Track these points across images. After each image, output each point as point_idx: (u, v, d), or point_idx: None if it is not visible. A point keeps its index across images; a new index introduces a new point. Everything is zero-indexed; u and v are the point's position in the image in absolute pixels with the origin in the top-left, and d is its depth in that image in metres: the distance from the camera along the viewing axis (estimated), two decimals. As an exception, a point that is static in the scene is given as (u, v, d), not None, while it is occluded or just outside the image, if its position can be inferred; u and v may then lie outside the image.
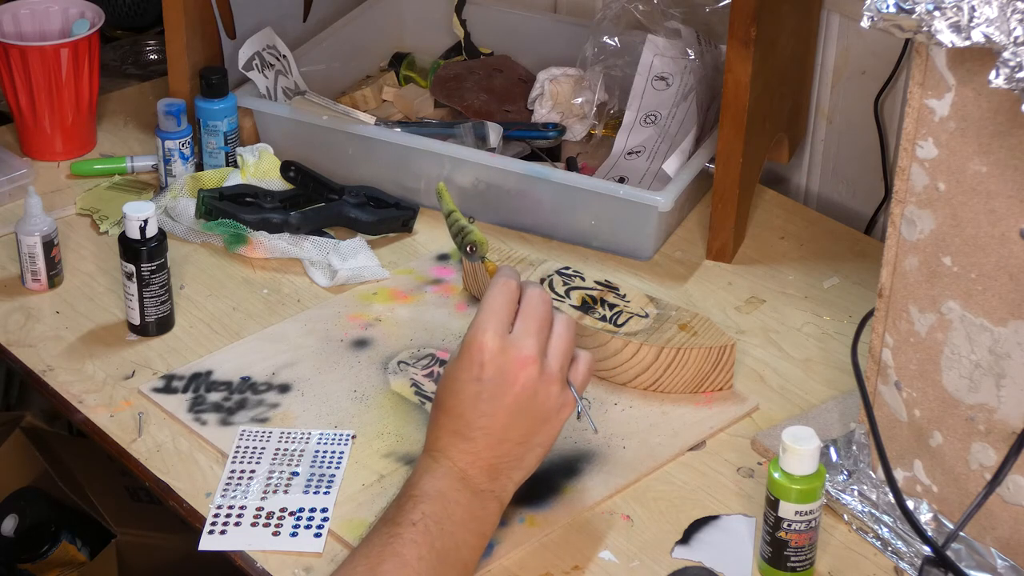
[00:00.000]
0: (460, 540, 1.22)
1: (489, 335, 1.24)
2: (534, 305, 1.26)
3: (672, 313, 1.52)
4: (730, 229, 1.70)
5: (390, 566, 1.17)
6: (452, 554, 1.21)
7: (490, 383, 1.23)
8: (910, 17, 1.10)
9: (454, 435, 1.25)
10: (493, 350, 1.23)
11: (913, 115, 1.21)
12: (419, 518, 1.20)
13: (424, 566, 1.18)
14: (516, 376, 1.23)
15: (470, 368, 1.24)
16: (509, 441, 1.25)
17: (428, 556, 1.19)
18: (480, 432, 1.24)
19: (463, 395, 1.24)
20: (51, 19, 1.92)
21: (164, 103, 1.81)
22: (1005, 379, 1.20)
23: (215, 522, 1.33)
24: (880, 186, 1.84)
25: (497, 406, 1.24)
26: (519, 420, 1.24)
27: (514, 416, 1.24)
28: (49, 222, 1.64)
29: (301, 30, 1.99)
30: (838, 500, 1.34)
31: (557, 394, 1.25)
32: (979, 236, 1.19)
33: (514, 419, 1.24)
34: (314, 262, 1.68)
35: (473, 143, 1.82)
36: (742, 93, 1.62)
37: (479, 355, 1.23)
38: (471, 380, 1.24)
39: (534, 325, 1.25)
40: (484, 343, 1.23)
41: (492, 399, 1.23)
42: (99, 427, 1.46)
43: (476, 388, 1.23)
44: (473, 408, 1.24)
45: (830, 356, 1.56)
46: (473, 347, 1.24)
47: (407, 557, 1.18)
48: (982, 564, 1.25)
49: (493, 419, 1.24)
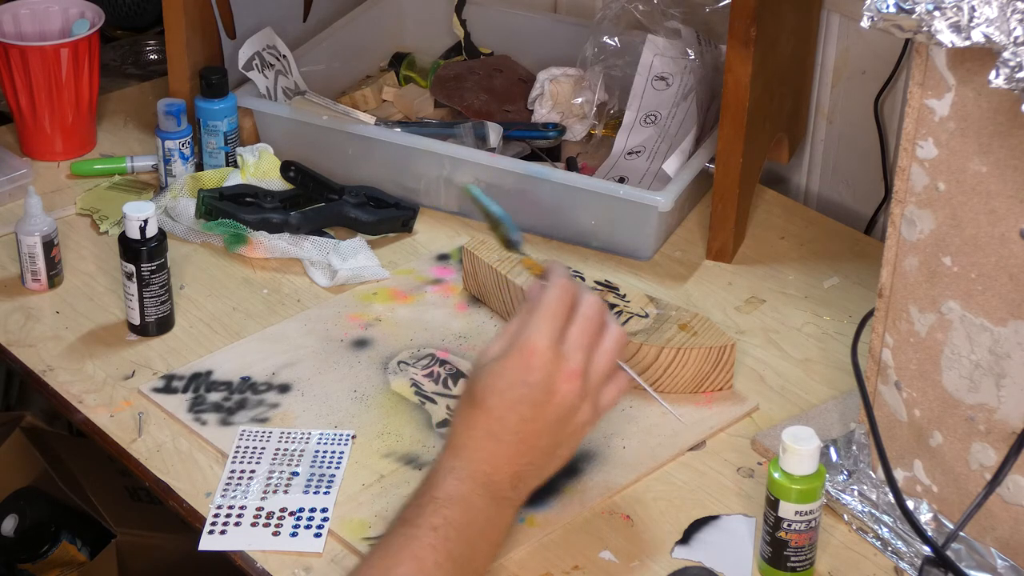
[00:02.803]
0: (477, 549, 1.20)
1: (545, 340, 1.20)
2: (590, 316, 1.23)
3: (672, 313, 1.52)
4: (730, 229, 1.70)
5: (406, 569, 1.15)
6: (468, 563, 1.19)
7: (536, 388, 1.20)
8: (910, 17, 1.10)
9: (487, 436, 1.21)
10: (546, 356, 1.20)
11: (913, 115, 1.21)
12: (440, 523, 1.17)
13: (441, 573, 1.16)
14: (560, 387, 1.20)
15: (520, 370, 1.20)
16: (537, 449, 1.22)
17: (446, 564, 1.16)
18: (514, 436, 1.21)
19: (507, 396, 1.20)
20: (51, 19, 1.92)
21: (164, 103, 1.81)
22: (1005, 379, 1.20)
23: (215, 522, 1.33)
24: (880, 186, 1.84)
25: (537, 413, 1.20)
26: (551, 430, 1.21)
27: (549, 425, 1.21)
28: (49, 222, 1.64)
29: (301, 30, 1.99)
30: (838, 500, 1.34)
31: (588, 411, 1.23)
32: (979, 236, 1.19)
33: (548, 428, 1.21)
34: (314, 262, 1.68)
35: (473, 143, 1.82)
36: (742, 93, 1.62)
37: (531, 358, 1.20)
38: (519, 382, 1.20)
39: (586, 339, 1.22)
40: (538, 347, 1.20)
41: (534, 405, 1.20)
42: (99, 427, 1.46)
43: (522, 391, 1.20)
44: (514, 410, 1.20)
45: (830, 356, 1.56)
46: (526, 349, 1.20)
47: (425, 562, 1.16)
48: (982, 564, 1.25)
49: (530, 425, 1.21)
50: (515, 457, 1.21)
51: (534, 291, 1.24)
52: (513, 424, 1.20)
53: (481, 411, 1.21)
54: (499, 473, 1.21)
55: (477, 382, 1.22)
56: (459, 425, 1.22)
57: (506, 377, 1.20)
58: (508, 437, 1.21)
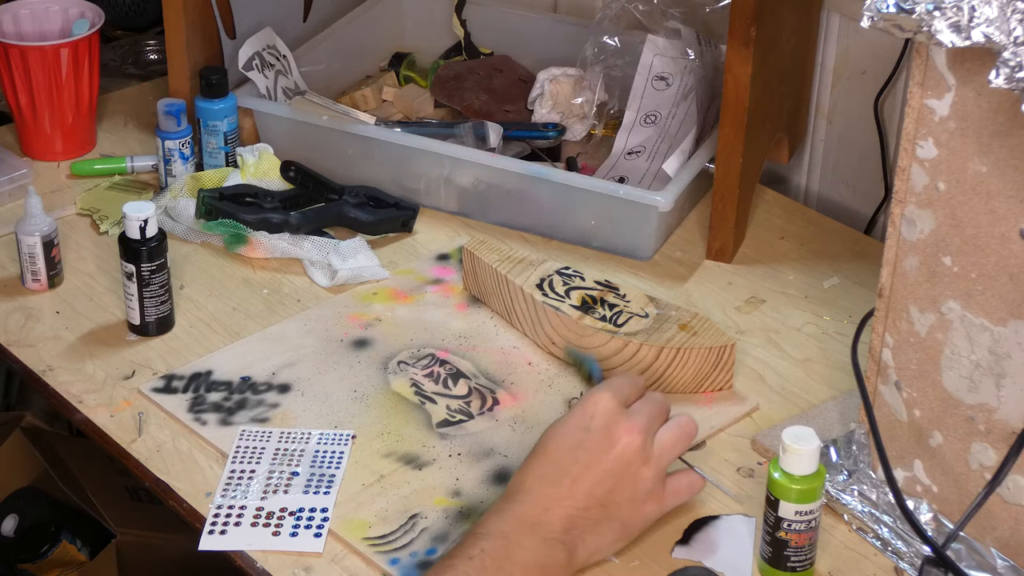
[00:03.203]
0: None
1: (609, 396, 1.26)
2: (658, 400, 1.29)
3: (672, 313, 1.52)
4: (730, 229, 1.70)
5: None
6: None
7: (595, 434, 1.24)
8: (910, 17, 1.10)
9: (540, 479, 1.24)
10: (608, 407, 1.25)
11: (913, 115, 1.21)
12: (476, 553, 1.18)
13: None
14: (620, 438, 1.24)
15: (580, 418, 1.25)
16: (593, 499, 1.23)
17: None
18: (569, 479, 1.23)
19: (564, 440, 1.24)
20: (51, 19, 1.92)
21: (164, 103, 1.81)
22: (1005, 379, 1.20)
23: (215, 522, 1.33)
24: (880, 186, 1.84)
25: (593, 458, 1.23)
26: (608, 481, 1.24)
27: (606, 475, 1.24)
28: (49, 222, 1.64)
29: (301, 30, 1.99)
30: (838, 500, 1.34)
31: (651, 479, 1.25)
32: (979, 236, 1.19)
33: (604, 478, 1.24)
34: (314, 262, 1.68)
35: (473, 143, 1.82)
36: (742, 93, 1.62)
37: (592, 407, 1.25)
38: (578, 428, 1.25)
39: (652, 409, 1.27)
40: (601, 399, 1.26)
41: (591, 450, 1.23)
42: (99, 427, 1.46)
43: (580, 436, 1.24)
44: (570, 454, 1.24)
45: (830, 356, 1.56)
46: (589, 401, 1.26)
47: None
48: (982, 564, 1.25)
49: (586, 470, 1.23)
50: (567, 500, 1.23)
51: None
52: (569, 467, 1.23)
53: (539, 455, 1.25)
54: (550, 514, 1.22)
55: (543, 435, 1.27)
56: (518, 473, 1.26)
57: (568, 423, 1.26)
58: (563, 480, 1.23)
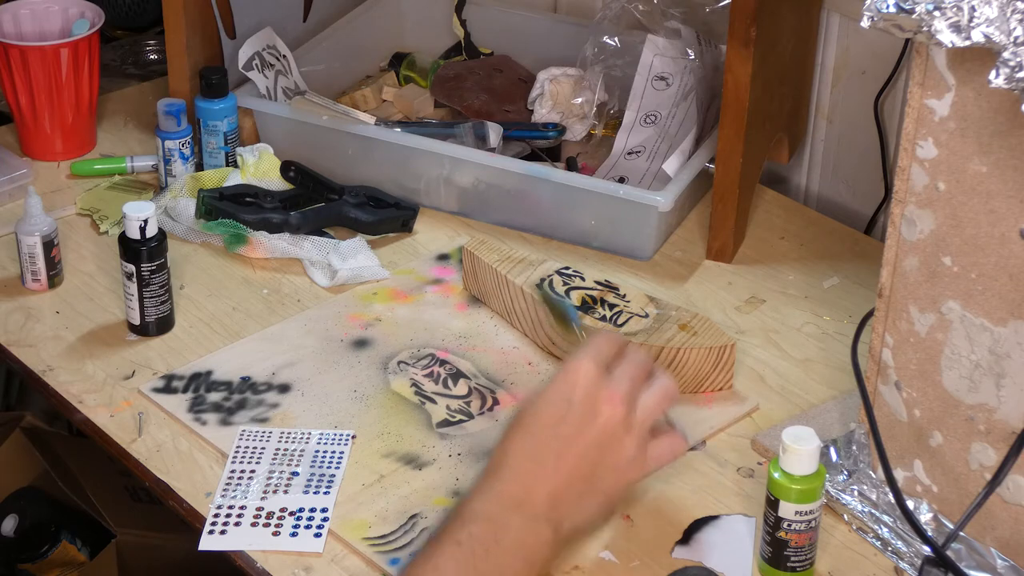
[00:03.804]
0: (506, 566, 1.17)
1: (590, 363, 1.21)
2: (639, 361, 1.24)
3: (672, 313, 1.52)
4: (730, 229, 1.70)
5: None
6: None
7: (577, 407, 1.20)
8: (910, 17, 1.10)
9: (524, 457, 1.20)
10: (590, 376, 1.20)
11: (913, 115, 1.21)
12: (464, 539, 1.16)
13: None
14: (602, 409, 1.20)
15: (562, 389, 1.21)
16: (577, 473, 1.20)
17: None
18: (552, 456, 1.20)
19: (547, 414, 1.21)
20: (51, 19, 1.92)
21: (164, 103, 1.81)
22: (1005, 379, 1.20)
23: (215, 522, 1.33)
24: (880, 186, 1.84)
25: (576, 432, 1.20)
26: (591, 454, 1.20)
27: (589, 448, 1.20)
28: (49, 222, 1.64)
29: (301, 30, 1.99)
30: (838, 500, 1.34)
31: (633, 448, 1.21)
32: (979, 236, 1.19)
33: (588, 451, 1.20)
34: (314, 262, 1.68)
35: (473, 143, 1.82)
36: (742, 93, 1.62)
37: (574, 377, 1.20)
38: (560, 400, 1.20)
39: (634, 371, 1.23)
40: (581, 368, 1.20)
41: (574, 424, 1.20)
42: (99, 427, 1.46)
43: (563, 410, 1.20)
44: (553, 429, 1.20)
45: (830, 356, 1.56)
46: (570, 371, 1.21)
47: (445, 572, 1.15)
48: (982, 564, 1.25)
49: (569, 445, 1.20)
50: (552, 477, 1.19)
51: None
52: (552, 443, 1.20)
53: (520, 431, 1.21)
54: (535, 492, 1.19)
55: (522, 408, 1.22)
56: (498, 448, 1.22)
57: (549, 396, 1.21)
58: (546, 457, 1.20)
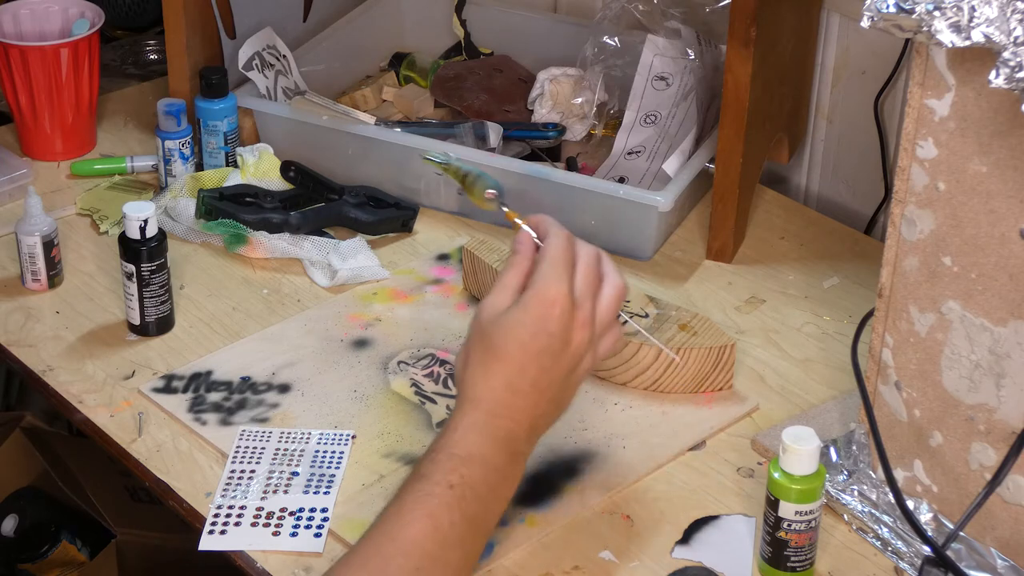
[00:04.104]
0: (490, 507, 1.20)
1: (564, 289, 1.20)
2: (591, 264, 1.23)
3: (672, 313, 1.52)
4: (730, 229, 1.70)
5: (421, 527, 1.15)
6: (481, 522, 1.19)
7: (556, 338, 1.20)
8: (910, 17, 1.10)
9: (506, 388, 1.20)
10: (565, 306, 1.20)
11: (913, 115, 1.21)
12: (457, 481, 1.17)
13: (455, 533, 1.16)
14: (574, 336, 1.21)
15: (543, 320, 1.20)
16: (550, 399, 1.22)
17: (460, 523, 1.16)
18: (532, 388, 1.20)
19: (530, 346, 1.20)
20: (51, 19, 1.92)
21: (164, 103, 1.81)
22: (1005, 379, 1.20)
23: (215, 522, 1.33)
24: (880, 186, 1.84)
25: (554, 362, 1.20)
26: (562, 379, 1.22)
27: (562, 374, 1.21)
28: (49, 222, 1.64)
29: (301, 30, 1.99)
30: (838, 500, 1.34)
31: (591, 360, 1.24)
32: (979, 236, 1.19)
33: (560, 377, 1.21)
34: (314, 262, 1.68)
35: (473, 143, 1.82)
36: (742, 93, 1.62)
37: (551, 308, 1.20)
38: (543, 332, 1.20)
39: (592, 289, 1.23)
40: (558, 297, 1.20)
41: (553, 355, 1.20)
42: (99, 427, 1.46)
43: (546, 341, 1.20)
44: (536, 361, 1.20)
45: (830, 356, 1.56)
46: (547, 300, 1.20)
47: (440, 520, 1.15)
48: (982, 564, 1.25)
49: (548, 374, 1.21)
50: (532, 409, 1.21)
51: (524, 242, 1.25)
52: (533, 375, 1.20)
53: (502, 363, 1.20)
54: (518, 428, 1.21)
55: (494, 333, 1.20)
56: (476, 377, 1.21)
57: (529, 327, 1.20)
58: (527, 388, 1.20)
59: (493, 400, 1.20)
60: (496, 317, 1.21)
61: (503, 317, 1.20)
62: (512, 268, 1.23)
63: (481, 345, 1.21)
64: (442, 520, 1.15)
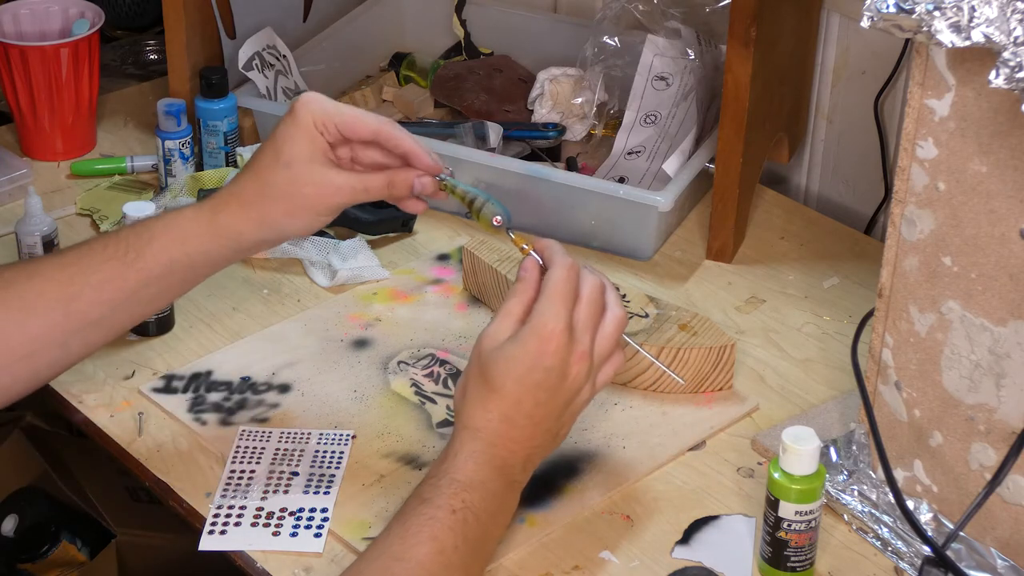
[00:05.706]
0: (490, 532, 1.22)
1: (562, 324, 1.21)
2: (594, 298, 1.24)
3: (672, 313, 1.52)
4: (730, 229, 1.70)
5: (426, 550, 1.16)
6: (482, 547, 1.22)
7: (552, 372, 1.21)
8: (910, 17, 1.10)
9: (503, 420, 1.22)
10: (562, 341, 1.21)
11: (913, 115, 1.21)
12: (460, 506, 1.19)
13: (458, 557, 1.17)
14: (571, 370, 1.23)
15: (538, 356, 1.21)
16: (547, 432, 1.24)
17: (463, 547, 1.18)
18: (528, 421, 1.22)
19: (526, 381, 1.21)
20: (51, 19, 1.92)
21: (164, 103, 1.81)
22: (1005, 379, 1.20)
23: (215, 522, 1.33)
24: (880, 186, 1.84)
25: (551, 396, 1.22)
26: (559, 412, 1.24)
27: (559, 408, 1.23)
28: (49, 222, 1.64)
29: (301, 30, 1.99)
30: (838, 500, 1.34)
31: (588, 391, 1.25)
32: (979, 236, 1.19)
33: (557, 411, 1.23)
34: (314, 262, 1.68)
35: (473, 143, 1.82)
36: (742, 93, 1.62)
37: (548, 344, 1.21)
38: (539, 367, 1.21)
39: (592, 321, 1.24)
40: (555, 332, 1.21)
41: (550, 389, 1.22)
42: (99, 427, 1.46)
43: (542, 376, 1.21)
44: (532, 395, 1.22)
45: (830, 356, 1.56)
46: (544, 334, 1.21)
47: (444, 544, 1.17)
48: (982, 564, 1.25)
49: (544, 409, 1.23)
50: (527, 441, 1.23)
51: (529, 269, 1.26)
52: (529, 408, 1.22)
53: (499, 395, 1.22)
54: (515, 457, 1.23)
55: (492, 366, 1.22)
56: (475, 407, 1.23)
57: (525, 362, 1.21)
58: (523, 421, 1.22)
59: (490, 431, 1.23)
60: (495, 349, 1.23)
61: (501, 350, 1.22)
62: (515, 296, 1.25)
63: (480, 376, 1.23)
64: (446, 543, 1.17)
